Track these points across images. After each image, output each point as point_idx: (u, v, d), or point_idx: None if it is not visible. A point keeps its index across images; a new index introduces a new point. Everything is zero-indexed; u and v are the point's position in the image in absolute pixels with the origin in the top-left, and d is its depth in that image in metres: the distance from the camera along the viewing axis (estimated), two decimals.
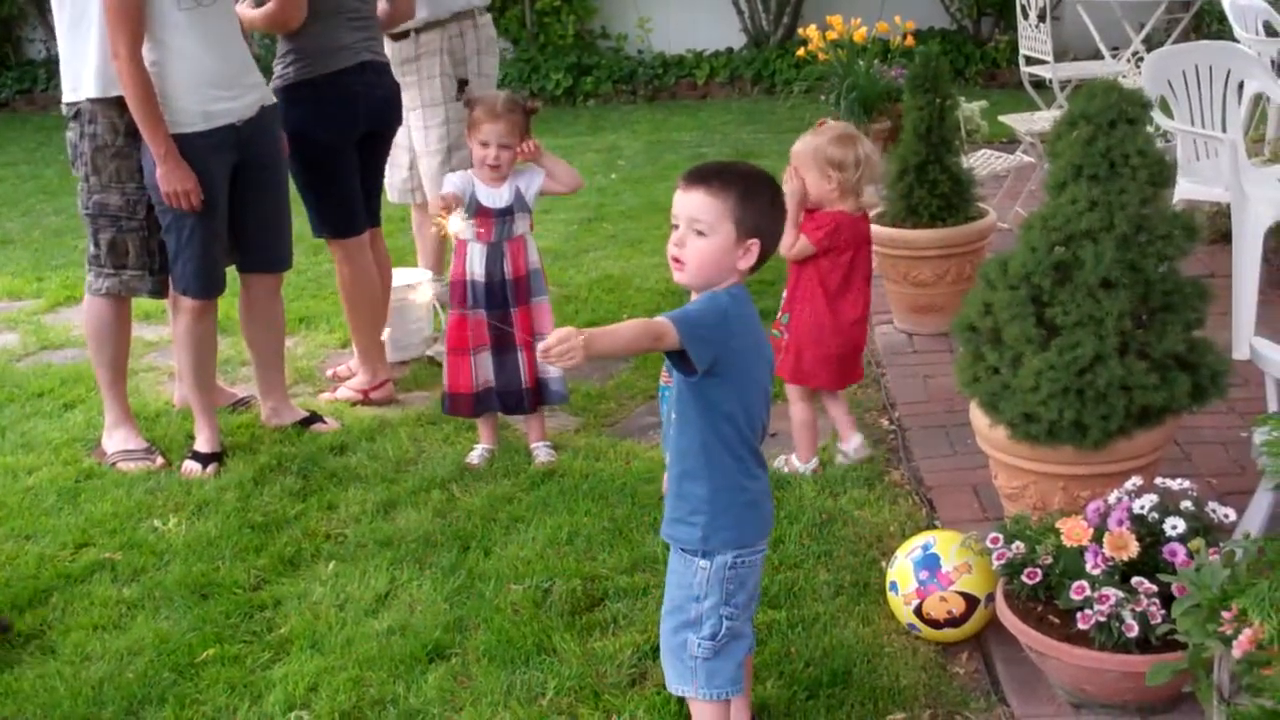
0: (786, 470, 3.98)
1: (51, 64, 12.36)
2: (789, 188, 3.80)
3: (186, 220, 4.07)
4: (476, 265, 4.03)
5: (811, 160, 3.85)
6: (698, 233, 2.48)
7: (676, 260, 2.52)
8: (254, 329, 4.53)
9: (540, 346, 2.34)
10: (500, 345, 4.08)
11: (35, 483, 4.20)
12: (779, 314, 4.01)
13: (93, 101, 4.08)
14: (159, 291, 4.31)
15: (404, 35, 5.01)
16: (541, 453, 4.19)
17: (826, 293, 3.90)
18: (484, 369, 4.11)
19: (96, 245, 4.24)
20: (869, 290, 4.01)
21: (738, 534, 2.55)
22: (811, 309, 3.92)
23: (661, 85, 11.46)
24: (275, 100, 4.31)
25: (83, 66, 4.08)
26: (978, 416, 3.25)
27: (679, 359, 2.46)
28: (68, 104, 4.18)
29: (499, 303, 4.03)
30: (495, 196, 4.02)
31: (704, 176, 2.51)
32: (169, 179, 3.97)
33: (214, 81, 4.06)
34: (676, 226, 2.51)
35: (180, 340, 4.28)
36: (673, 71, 11.55)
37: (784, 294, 4.00)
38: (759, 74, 11.28)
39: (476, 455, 4.20)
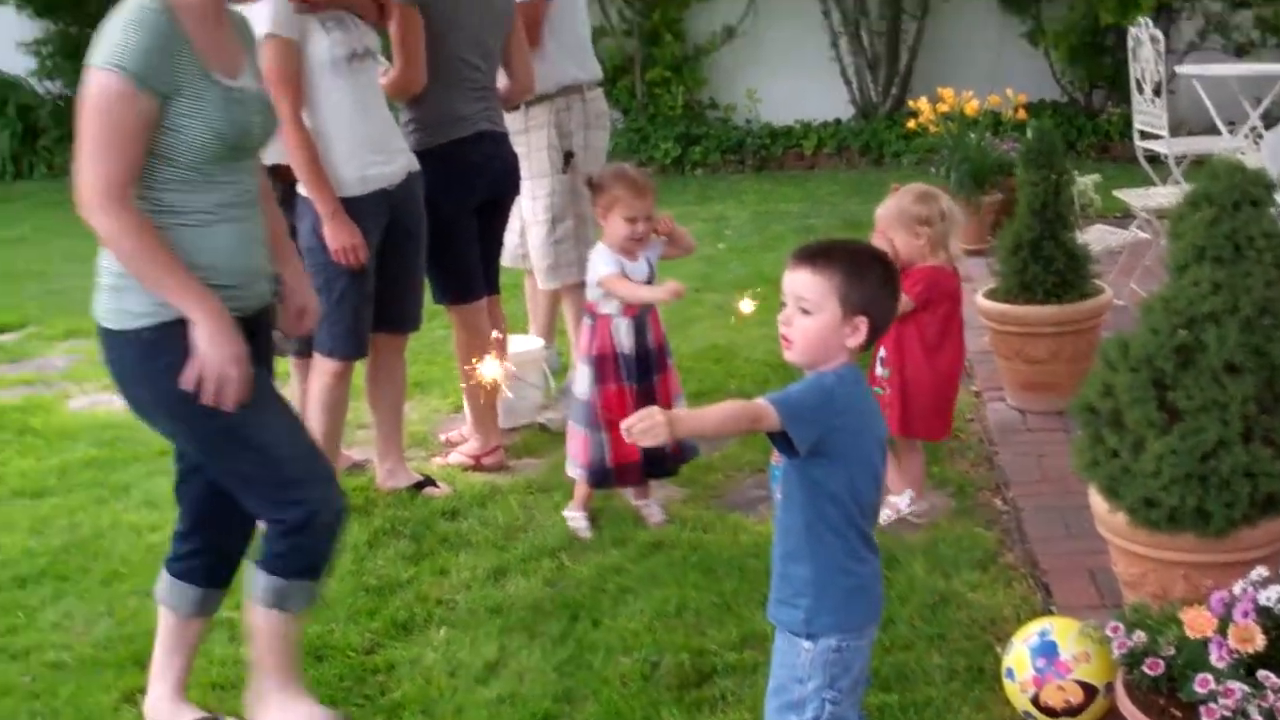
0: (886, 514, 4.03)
1: None
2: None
3: (338, 282, 4.18)
4: (624, 338, 4.10)
5: (898, 221, 4.02)
6: (804, 311, 2.50)
7: (785, 338, 2.54)
8: (378, 389, 4.62)
9: (623, 425, 2.38)
10: None
11: (158, 540, 4.28)
12: (875, 370, 4.11)
13: None
14: (303, 352, 4.43)
15: (514, 108, 5.11)
16: (654, 513, 4.26)
17: (926, 346, 4.07)
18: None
19: None
20: (963, 342, 4.17)
21: (842, 618, 2.53)
22: (913, 363, 4.07)
23: (769, 155, 11.52)
24: (419, 167, 4.42)
25: None
26: (1096, 501, 3.21)
27: (782, 440, 2.47)
28: None
29: (646, 372, 4.13)
30: (637, 270, 4.10)
31: (810, 255, 2.53)
32: (336, 236, 4.09)
33: (368, 146, 4.20)
34: (785, 304, 2.53)
35: (315, 402, 4.37)
36: (780, 142, 11.61)
37: (878, 351, 4.06)
38: (867, 145, 11.30)
39: (577, 525, 4.24)
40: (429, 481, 4.62)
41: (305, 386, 4.52)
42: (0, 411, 5.70)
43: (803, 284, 2.49)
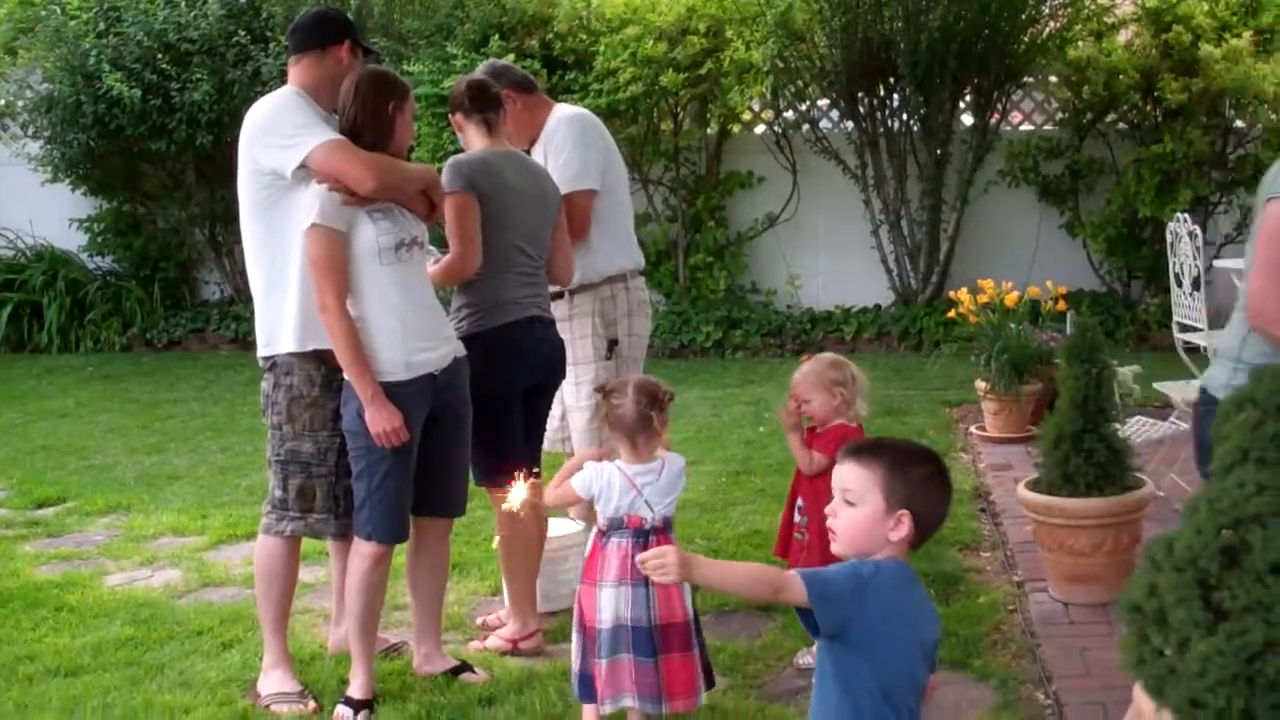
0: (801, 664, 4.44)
1: (224, 305, 13.04)
2: (787, 421, 4.47)
3: (381, 466, 4.22)
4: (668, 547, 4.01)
5: (817, 384, 4.46)
6: (848, 503, 2.53)
7: (831, 530, 2.56)
8: (420, 573, 4.63)
9: (638, 558, 2.40)
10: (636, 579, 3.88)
11: None
12: (794, 518, 4.53)
13: (290, 355, 4.31)
14: (342, 534, 4.46)
15: (559, 295, 5.20)
16: None
17: None
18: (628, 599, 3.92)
19: (285, 490, 4.40)
20: None
21: None
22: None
23: (809, 340, 11.61)
24: (465, 353, 4.49)
25: (279, 322, 4.33)
26: (1142, 699, 3.15)
27: (808, 618, 2.47)
28: (264, 357, 4.40)
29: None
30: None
31: (856, 449, 2.58)
32: (377, 420, 4.14)
33: (415, 333, 4.28)
34: (833, 497, 2.56)
35: (354, 585, 4.36)
36: (820, 326, 11.72)
37: (794, 501, 4.55)
38: (906, 331, 11.38)
39: None
40: (466, 667, 4.59)
41: (344, 568, 4.52)
42: (38, 587, 5.71)
43: (848, 476, 2.54)
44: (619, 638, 3.77)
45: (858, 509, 2.53)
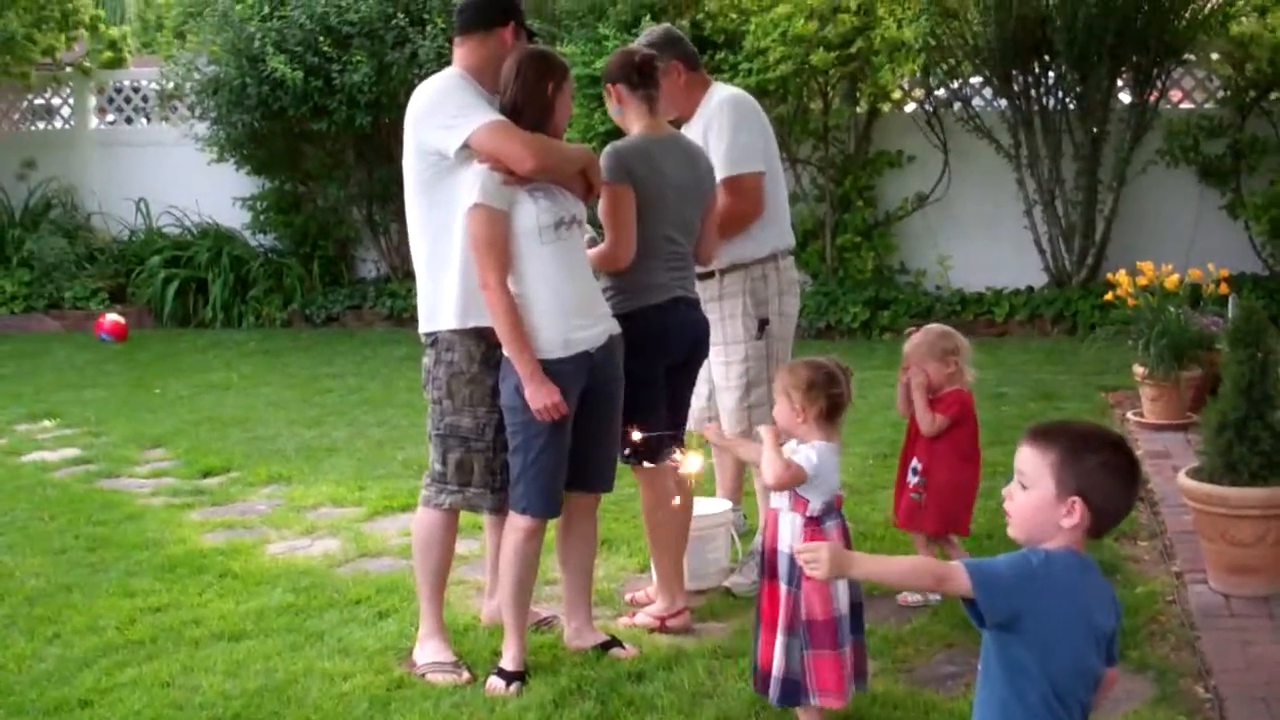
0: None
1: (380, 282, 13.32)
2: (915, 380, 4.89)
3: (537, 440, 4.30)
4: (790, 539, 3.83)
5: (930, 354, 4.92)
6: (1022, 486, 2.51)
7: (1007, 512, 2.55)
8: (569, 547, 4.70)
9: (795, 549, 2.42)
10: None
11: (350, 689, 4.39)
12: (908, 479, 4.98)
13: (452, 332, 4.40)
14: (498, 508, 4.55)
15: (709, 275, 5.21)
16: None
17: (961, 456, 4.98)
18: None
19: (444, 464, 4.50)
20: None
21: None
22: (950, 471, 4.94)
23: (959, 321, 11.43)
24: (620, 330, 4.54)
25: (441, 299, 4.42)
26: None
27: (973, 608, 2.46)
28: (426, 333, 4.51)
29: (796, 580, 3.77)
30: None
31: (1034, 431, 2.56)
32: (537, 396, 4.23)
33: (573, 310, 4.35)
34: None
35: (508, 558, 4.45)
36: (971, 308, 11.56)
37: (909, 462, 4.93)
38: (1060, 314, 11.17)
39: None
40: (615, 642, 4.65)
41: (500, 542, 4.61)
42: (203, 554, 5.91)
43: (1024, 459, 2.52)
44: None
45: (1030, 492, 2.51)
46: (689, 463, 4.09)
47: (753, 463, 4.29)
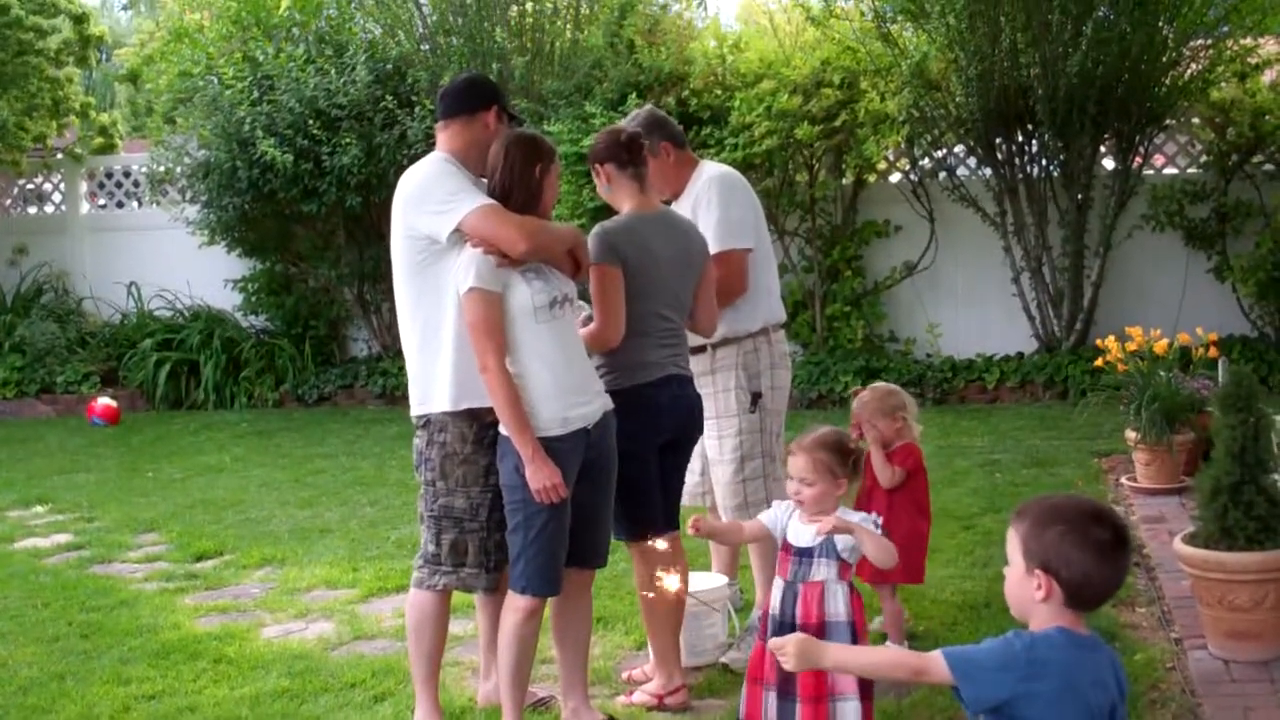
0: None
1: (372, 361, 13.34)
2: (871, 437, 5.02)
3: (537, 519, 4.30)
4: (775, 600, 3.97)
5: (880, 408, 5.10)
6: (1008, 563, 2.52)
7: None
8: (564, 624, 4.67)
9: (774, 644, 2.43)
10: (783, 690, 3.86)
11: None
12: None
13: (445, 414, 4.41)
14: (493, 588, 4.55)
15: (700, 350, 5.23)
16: None
17: (918, 508, 5.16)
18: (770, 708, 3.91)
19: (438, 545, 4.50)
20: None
21: None
22: (911, 521, 5.10)
23: (950, 389, 11.50)
24: (613, 407, 4.55)
25: (433, 382, 4.44)
26: None
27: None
28: (418, 416, 4.51)
29: None
30: (800, 534, 3.96)
31: (1016, 509, 2.55)
32: (538, 476, 4.23)
33: (570, 388, 4.37)
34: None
35: (507, 638, 4.43)
36: (962, 375, 11.58)
37: (873, 517, 4.47)
38: (1051, 379, 11.20)
39: None
40: None
41: (493, 622, 4.59)
42: (197, 639, 5.87)
43: (1007, 537, 2.52)
44: None
45: (1010, 570, 2.52)
46: (669, 582, 4.14)
47: (746, 541, 4.29)
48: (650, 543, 4.71)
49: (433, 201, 4.40)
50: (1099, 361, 8.21)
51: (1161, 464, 7.38)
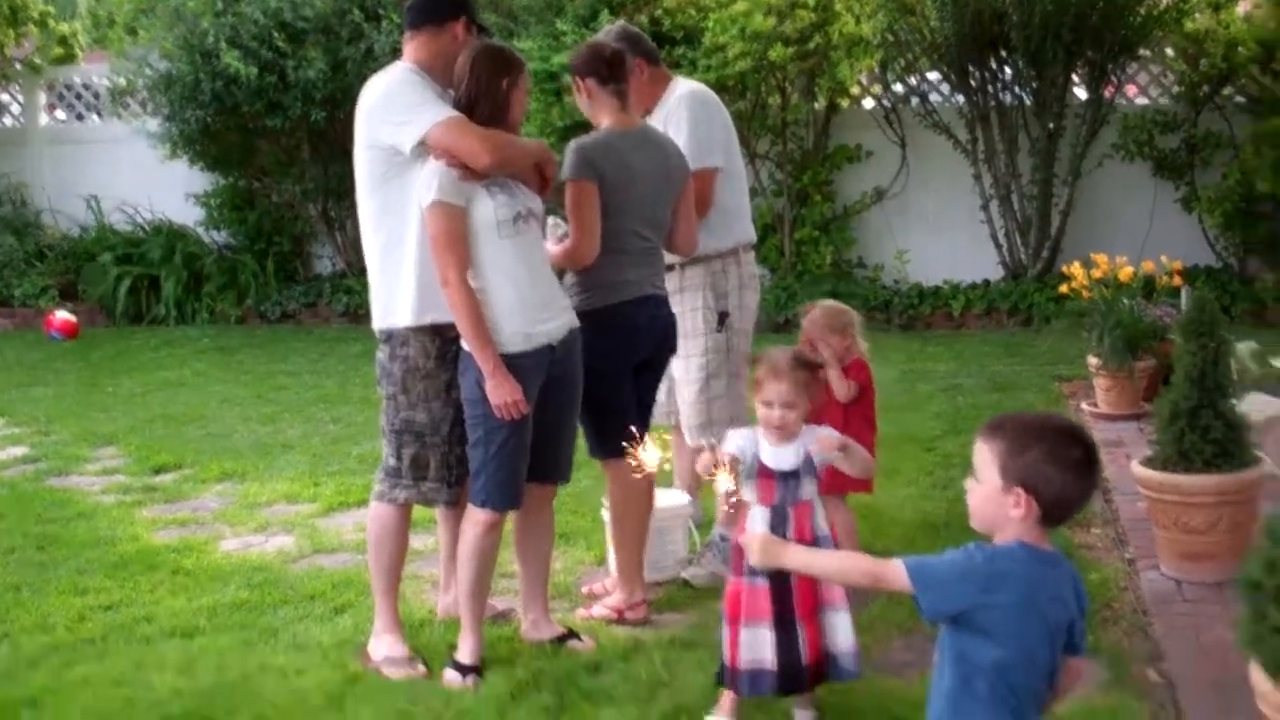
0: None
1: (336, 278, 13.24)
2: (826, 353, 5.01)
3: (497, 435, 4.27)
4: (759, 527, 3.80)
5: (829, 328, 5.13)
6: (975, 480, 2.52)
7: (969, 504, 2.56)
8: (526, 538, 4.68)
9: (742, 539, 2.41)
10: (782, 618, 3.81)
11: (304, 685, 4.36)
12: None
13: (407, 328, 4.37)
14: (454, 502, 4.53)
15: (669, 269, 5.20)
16: (804, 716, 3.95)
17: (868, 421, 5.19)
18: (758, 646, 3.82)
19: (399, 459, 4.47)
20: None
21: None
22: (862, 435, 4.89)
23: (916, 315, 11.52)
24: (579, 323, 4.53)
25: (396, 295, 4.39)
26: (1259, 678, 3.10)
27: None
28: (380, 329, 4.47)
29: (782, 572, 3.62)
30: (780, 457, 3.89)
31: (984, 426, 2.56)
32: (498, 392, 4.20)
33: (534, 304, 4.32)
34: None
35: (466, 551, 4.42)
36: (928, 301, 11.59)
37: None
38: (1016, 306, 11.23)
39: None
40: (573, 634, 4.63)
41: (454, 536, 4.59)
42: (155, 551, 5.86)
43: (976, 452, 2.53)
44: None
45: (981, 486, 2.51)
46: (647, 455, 4.05)
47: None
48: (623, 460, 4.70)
49: (396, 112, 4.32)
50: (1064, 288, 8.23)
51: (1122, 390, 7.42)
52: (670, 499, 5.39)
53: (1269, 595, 3.05)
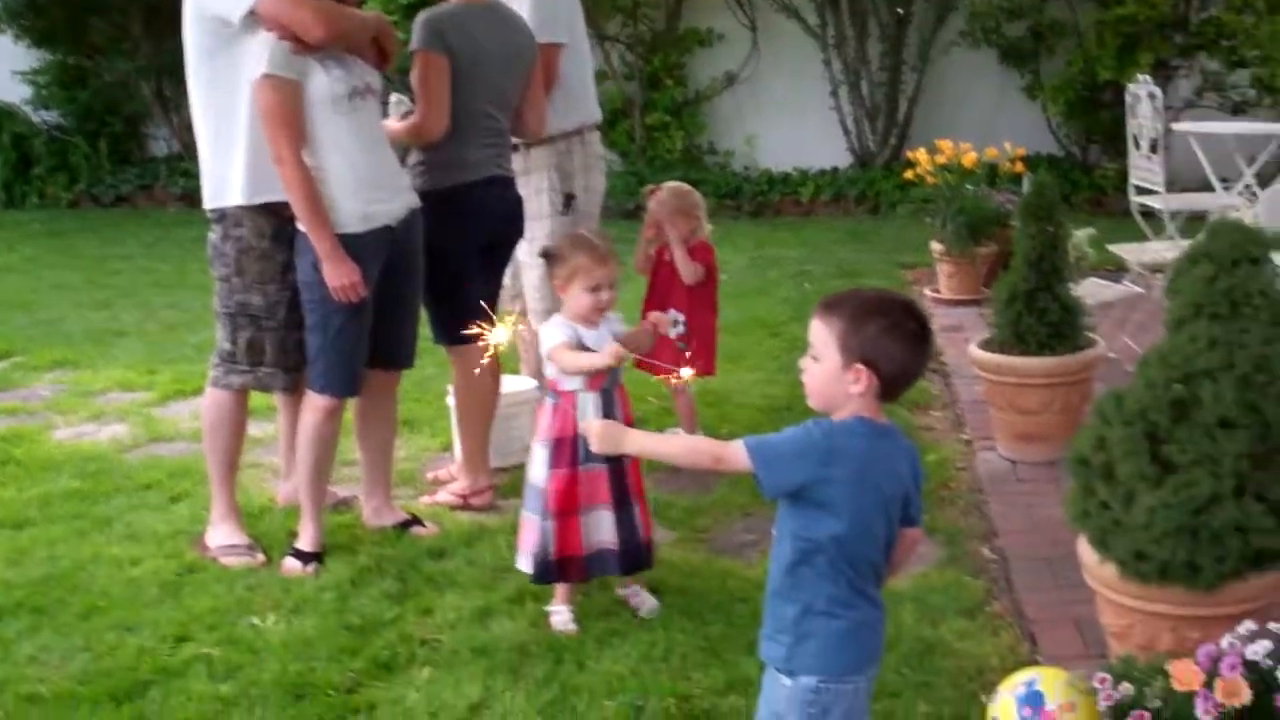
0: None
1: (172, 160, 12.81)
2: (674, 236, 5.10)
3: (335, 319, 4.16)
4: (591, 416, 3.72)
5: (678, 211, 5.14)
6: (813, 358, 2.51)
7: (804, 384, 2.55)
8: (367, 425, 4.60)
9: (581, 425, 2.40)
10: (621, 500, 3.83)
11: (139, 574, 4.27)
12: (673, 330, 4.91)
13: (240, 208, 4.21)
14: (292, 388, 4.42)
15: (514, 149, 5.10)
16: (644, 601, 3.94)
17: (711, 303, 5.25)
18: (599, 529, 3.83)
19: (233, 343, 4.34)
20: None
21: (824, 661, 2.51)
22: (707, 316, 5.25)
23: (766, 201, 11.55)
24: (419, 204, 4.41)
25: (227, 173, 4.23)
26: (1086, 552, 3.19)
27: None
28: (212, 209, 4.31)
29: (617, 456, 3.49)
30: (599, 340, 3.83)
31: (823, 303, 2.54)
32: (335, 274, 4.08)
33: (371, 183, 4.19)
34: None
35: (305, 438, 4.33)
36: (778, 188, 11.63)
37: (672, 314, 4.89)
38: (863, 193, 11.32)
39: (561, 620, 3.86)
40: (416, 520, 4.59)
41: (293, 422, 4.49)
42: None
43: (813, 331, 2.52)
44: None
45: (820, 364, 2.51)
46: (495, 335, 3.96)
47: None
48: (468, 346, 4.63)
49: None
50: (909, 173, 8.29)
51: (964, 275, 7.54)
52: (516, 384, 5.34)
53: (1096, 472, 3.12)
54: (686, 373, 3.31)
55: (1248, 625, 2.73)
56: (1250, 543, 2.92)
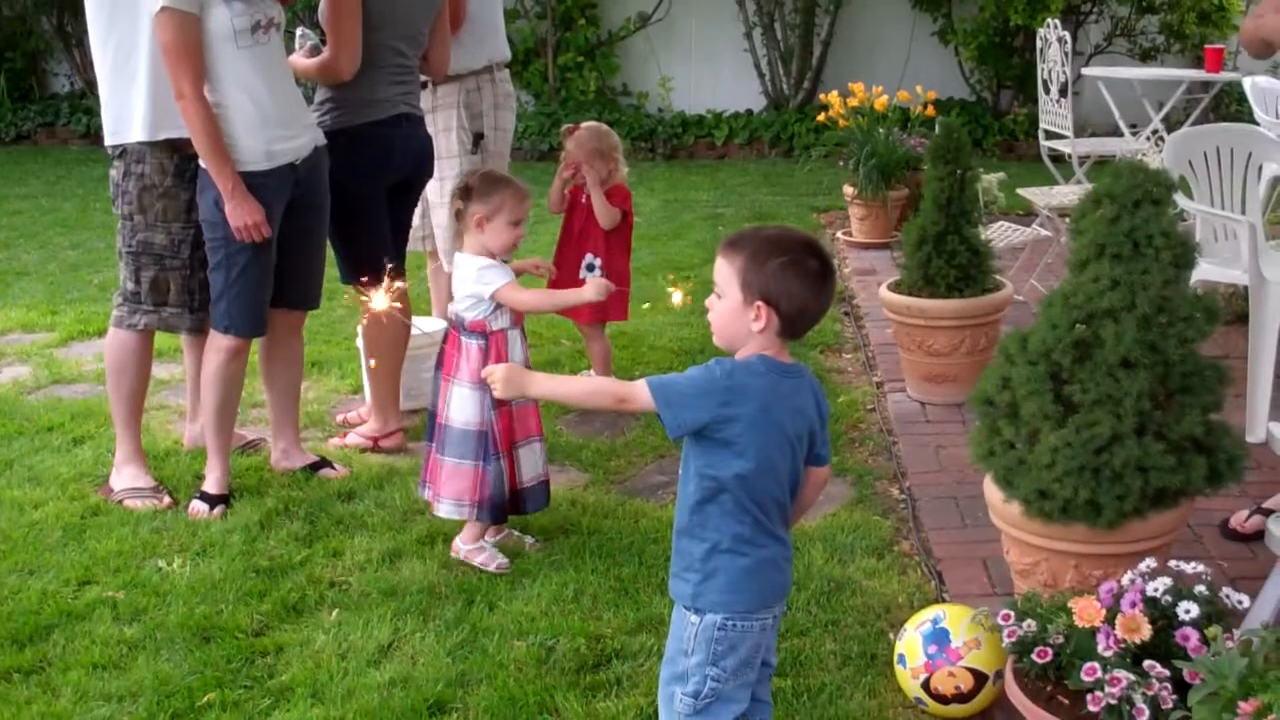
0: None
1: (75, 98, 12.49)
2: (592, 178, 5.00)
3: (239, 258, 4.09)
4: (518, 353, 3.82)
5: (597, 152, 5.03)
6: (717, 295, 2.51)
7: (710, 322, 2.55)
8: (274, 367, 4.53)
9: (483, 371, 2.55)
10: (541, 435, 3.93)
11: (41, 517, 4.19)
12: (588, 274, 4.97)
13: (141, 144, 4.11)
14: (197, 328, 4.34)
15: (421, 87, 5.03)
16: (525, 538, 4.00)
17: (626, 247, 5.18)
18: (535, 462, 3.91)
19: (137, 282, 4.25)
20: None
21: (730, 598, 2.52)
22: (623, 260, 5.17)
23: (680, 144, 11.53)
24: (325, 141, 4.33)
25: (128, 109, 4.13)
26: (991, 491, 3.23)
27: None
28: (112, 146, 4.20)
29: None
30: (506, 275, 3.82)
31: (726, 241, 2.54)
32: (238, 213, 4.00)
33: (275, 120, 4.10)
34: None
35: (210, 379, 4.26)
36: (692, 131, 11.61)
37: (587, 259, 5.06)
38: (777, 136, 11.34)
39: (493, 558, 3.84)
40: (325, 463, 4.55)
41: (199, 363, 4.42)
42: None
43: (717, 269, 2.52)
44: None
45: (723, 301, 2.51)
46: (375, 301, 3.90)
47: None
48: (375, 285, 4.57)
49: None
50: (821, 117, 8.31)
51: (875, 219, 7.59)
52: (427, 326, 5.29)
53: (1001, 411, 3.16)
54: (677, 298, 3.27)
55: (1148, 562, 2.79)
56: (1151, 481, 2.97)
